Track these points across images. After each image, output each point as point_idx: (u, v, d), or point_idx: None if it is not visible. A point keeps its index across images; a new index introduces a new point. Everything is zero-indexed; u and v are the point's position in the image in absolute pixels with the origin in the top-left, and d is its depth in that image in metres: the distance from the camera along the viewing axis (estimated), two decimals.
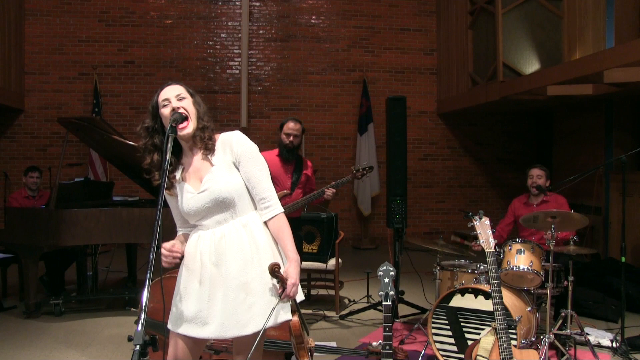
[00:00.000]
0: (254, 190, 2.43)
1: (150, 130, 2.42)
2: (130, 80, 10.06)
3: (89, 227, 5.35)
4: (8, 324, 5.44)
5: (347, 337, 5.02)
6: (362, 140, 9.94)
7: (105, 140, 5.54)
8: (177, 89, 2.41)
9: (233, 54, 10.28)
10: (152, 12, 10.16)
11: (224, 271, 2.33)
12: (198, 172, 2.42)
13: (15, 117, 9.93)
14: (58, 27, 10.03)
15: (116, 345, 4.81)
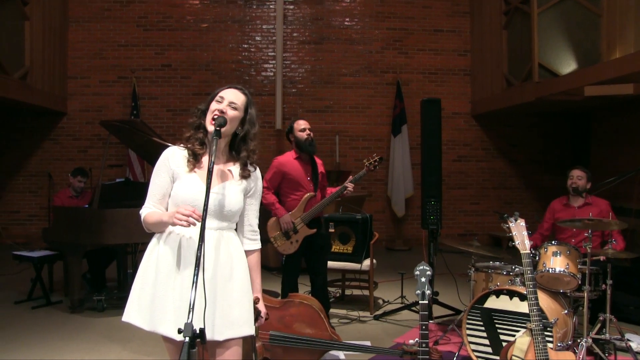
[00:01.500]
0: (249, 220, 2.62)
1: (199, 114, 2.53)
2: (167, 83, 10.27)
3: (129, 226, 5.50)
4: (55, 318, 5.66)
5: (381, 337, 5.06)
6: (396, 141, 9.96)
7: (145, 142, 5.70)
8: (238, 98, 2.48)
9: (267, 56, 10.41)
10: (188, 16, 10.36)
11: (209, 274, 2.34)
12: (215, 174, 2.44)
13: (58, 120, 10.27)
14: (99, 32, 10.32)
15: (156, 340, 4.92)
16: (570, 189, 5.24)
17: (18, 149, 10.29)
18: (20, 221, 10.29)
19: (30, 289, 6.28)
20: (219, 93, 2.48)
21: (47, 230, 6.15)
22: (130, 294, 2.46)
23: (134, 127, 5.66)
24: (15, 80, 8.50)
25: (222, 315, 2.35)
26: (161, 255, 2.41)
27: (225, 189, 2.45)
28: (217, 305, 2.34)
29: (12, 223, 10.24)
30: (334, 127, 10.19)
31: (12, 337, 5.06)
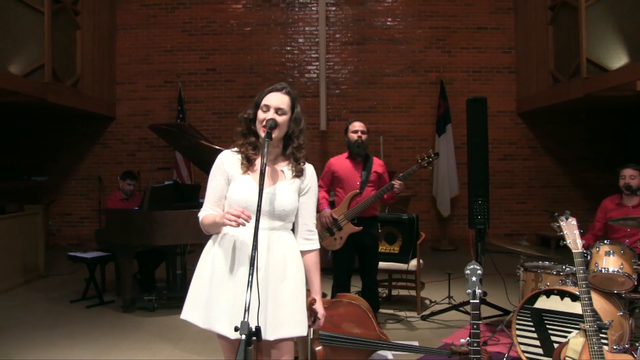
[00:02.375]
0: (305, 219, 2.61)
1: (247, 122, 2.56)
2: (212, 87, 10.45)
3: (179, 227, 5.62)
4: (108, 317, 5.84)
5: (429, 337, 5.04)
6: (441, 141, 9.89)
7: (193, 145, 5.81)
8: (282, 101, 2.49)
9: (311, 58, 10.48)
10: (231, 20, 10.51)
11: (262, 274, 2.38)
12: (267, 174, 2.49)
13: (107, 124, 10.57)
14: (145, 39, 10.57)
15: (206, 340, 5.03)
16: (623, 188, 5.09)
17: (70, 154, 10.64)
18: (72, 223, 10.63)
19: (85, 289, 6.49)
20: (263, 101, 2.49)
21: (100, 232, 6.35)
22: (188, 293, 2.53)
23: (182, 130, 5.78)
24: (67, 87, 8.80)
25: (274, 315, 2.38)
26: (216, 256, 2.48)
27: (277, 189, 2.49)
28: (269, 305, 2.37)
29: (65, 225, 10.58)
30: (377, 127, 10.18)
31: (69, 334, 5.25)
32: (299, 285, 2.50)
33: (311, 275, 2.61)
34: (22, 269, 7.33)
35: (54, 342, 5.05)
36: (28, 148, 10.66)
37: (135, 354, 4.72)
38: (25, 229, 7.47)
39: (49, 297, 6.71)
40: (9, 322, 5.67)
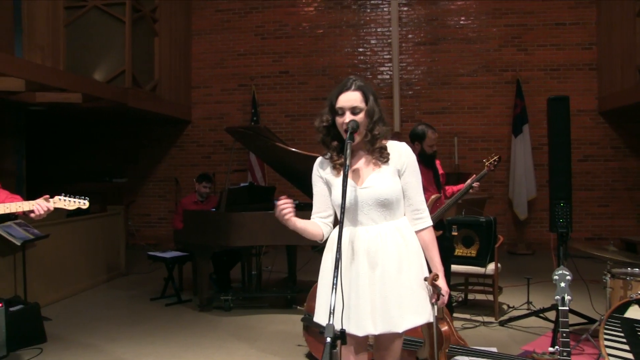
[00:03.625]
0: (410, 200, 2.57)
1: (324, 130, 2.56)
2: (285, 89, 10.55)
3: (255, 229, 5.69)
4: (185, 315, 5.99)
5: (507, 343, 4.89)
6: (517, 142, 9.59)
7: (268, 147, 5.87)
8: (355, 99, 2.47)
9: (383, 59, 10.40)
10: (304, 23, 10.58)
11: (378, 270, 2.44)
12: (360, 169, 2.53)
13: (183, 127, 10.87)
14: (219, 43, 10.80)
15: (282, 340, 5.08)
16: None
17: (148, 156, 11.01)
18: (151, 224, 10.98)
19: (163, 288, 6.68)
20: (337, 104, 2.48)
21: (178, 233, 6.51)
22: (317, 296, 2.60)
23: (258, 132, 5.85)
24: (146, 92, 9.11)
25: (398, 307, 2.41)
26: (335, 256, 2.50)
27: (374, 179, 2.49)
28: (390, 299, 2.41)
29: (143, 225, 10.95)
30: (452, 128, 9.99)
31: (150, 331, 5.42)
32: (418, 273, 2.50)
33: (429, 253, 2.58)
34: (105, 267, 7.63)
35: (135, 337, 5.22)
36: (109, 151, 11.13)
37: (213, 353, 4.80)
38: (108, 229, 7.78)
39: (130, 294, 6.95)
40: (93, 317, 5.91)
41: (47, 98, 7.51)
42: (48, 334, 5.15)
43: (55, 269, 6.53)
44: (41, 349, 4.88)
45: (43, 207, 3.19)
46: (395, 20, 10.21)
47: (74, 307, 6.37)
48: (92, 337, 5.23)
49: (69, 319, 5.86)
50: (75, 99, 7.57)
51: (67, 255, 6.77)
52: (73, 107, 8.04)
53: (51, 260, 6.44)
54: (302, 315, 4.52)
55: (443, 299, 2.52)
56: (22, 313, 4.97)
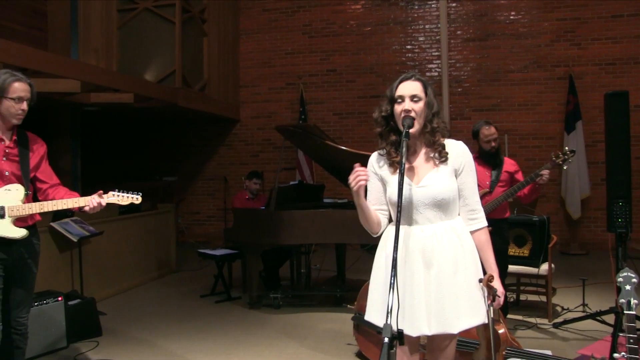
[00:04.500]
0: (466, 200, 2.54)
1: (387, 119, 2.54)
2: (333, 88, 10.54)
3: (305, 227, 5.70)
4: (235, 313, 6.05)
5: (562, 347, 4.75)
6: (570, 139, 9.32)
7: (318, 146, 5.87)
8: (415, 88, 2.45)
9: (432, 56, 10.28)
10: (351, 21, 10.55)
11: (434, 270, 2.41)
12: (417, 167, 2.51)
13: (232, 126, 10.99)
14: (267, 42, 10.87)
15: (331, 339, 5.07)
16: None
17: (198, 155, 11.18)
18: (200, 221, 11.15)
19: (213, 285, 6.76)
20: (396, 92, 2.47)
21: (228, 231, 6.58)
22: (368, 294, 2.59)
23: (307, 131, 5.85)
24: (195, 92, 9.24)
25: (454, 307, 2.38)
26: (389, 255, 2.46)
27: (432, 179, 2.46)
28: (446, 300, 2.38)
29: (193, 223, 11.13)
30: (502, 125, 9.76)
31: (201, 327, 5.49)
32: (473, 274, 2.47)
33: (484, 254, 2.55)
34: (156, 264, 7.78)
35: (186, 333, 5.30)
36: (160, 150, 11.35)
37: (262, 350, 4.83)
38: (159, 227, 7.92)
39: (181, 291, 7.06)
40: (146, 313, 6.03)
41: (100, 98, 7.70)
42: (103, 327, 5.29)
43: (109, 265, 6.69)
44: (97, 342, 5.02)
45: (95, 202, 3.27)
46: (444, 16, 10.07)
47: (127, 302, 6.51)
48: (145, 332, 5.34)
49: (123, 313, 5.99)
50: (128, 99, 7.73)
51: (120, 251, 6.92)
52: (125, 107, 8.22)
53: (105, 256, 6.60)
54: (352, 314, 4.50)
55: (499, 300, 2.47)
56: (80, 307, 5.12)
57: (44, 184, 3.44)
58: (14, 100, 3.19)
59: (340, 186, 7.32)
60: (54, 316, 4.76)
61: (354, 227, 5.50)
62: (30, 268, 3.39)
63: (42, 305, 4.64)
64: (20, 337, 3.43)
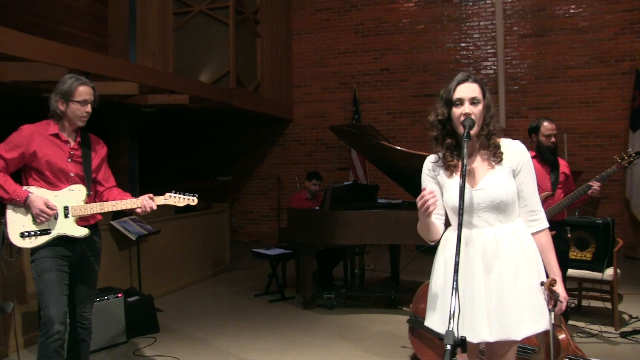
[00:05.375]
0: (525, 201, 2.46)
1: (443, 122, 2.46)
2: (386, 87, 10.46)
3: (359, 227, 5.67)
4: (289, 312, 6.06)
5: (631, 357, 4.55)
6: (636, 137, 8.94)
7: (373, 146, 5.83)
8: (474, 90, 2.39)
9: (487, 54, 10.07)
10: (404, 19, 10.44)
11: (494, 274, 2.34)
12: (474, 170, 2.45)
13: (285, 126, 11.06)
14: (319, 42, 10.89)
15: (385, 341, 5.02)
16: None
17: (251, 155, 11.30)
18: (253, 221, 11.26)
19: (267, 284, 6.80)
20: (454, 95, 2.40)
21: (283, 230, 6.61)
22: (427, 299, 2.55)
23: (362, 131, 5.82)
24: (249, 92, 9.34)
25: (516, 313, 2.32)
26: (448, 259, 2.45)
27: (489, 181, 2.40)
28: (509, 304, 2.32)
29: (246, 222, 11.25)
30: (561, 124, 9.46)
31: (255, 326, 5.54)
32: (536, 278, 2.39)
33: (546, 256, 2.46)
34: (211, 262, 7.89)
35: (241, 332, 5.35)
36: (214, 150, 11.52)
37: (317, 351, 4.83)
38: (213, 226, 8.03)
39: (235, 289, 7.14)
40: (201, 311, 6.11)
41: (157, 100, 7.86)
42: (160, 324, 5.40)
43: (166, 263, 6.82)
44: (155, 338, 5.12)
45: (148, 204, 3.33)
46: (500, 12, 9.84)
47: (183, 300, 6.62)
48: (200, 330, 5.41)
49: (179, 311, 6.09)
50: (183, 100, 7.87)
51: (176, 250, 7.05)
52: (181, 108, 8.37)
53: (162, 254, 6.73)
54: (408, 317, 4.44)
55: (561, 305, 2.39)
56: (138, 304, 5.24)
57: (101, 187, 3.53)
58: (80, 103, 3.28)
59: (394, 186, 7.25)
60: (114, 312, 4.90)
61: (409, 227, 5.42)
62: (92, 265, 3.48)
63: (103, 301, 4.77)
64: (85, 331, 3.53)
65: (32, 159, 3.26)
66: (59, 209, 3.27)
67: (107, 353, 4.74)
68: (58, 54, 5.65)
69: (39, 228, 3.25)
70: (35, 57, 5.37)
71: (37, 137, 3.27)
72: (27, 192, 3.22)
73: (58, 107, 3.29)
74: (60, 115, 3.31)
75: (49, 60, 5.49)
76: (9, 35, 5.10)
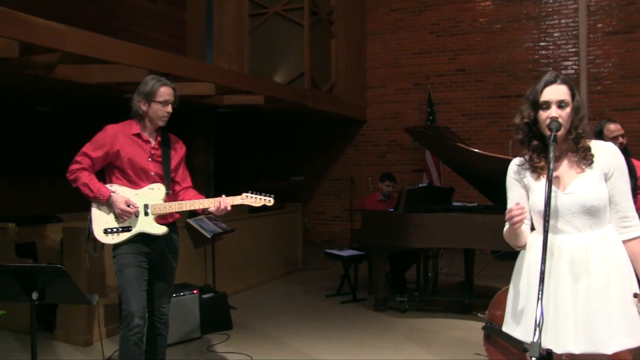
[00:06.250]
0: (617, 206, 2.33)
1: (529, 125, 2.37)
2: (461, 88, 10.25)
3: (434, 230, 5.56)
4: (360, 314, 6.05)
5: None
6: None
7: (449, 148, 5.72)
8: (562, 92, 2.30)
9: (568, 53, 9.69)
10: (480, 18, 10.21)
11: (583, 282, 2.23)
12: (562, 173, 2.35)
13: (359, 127, 11.04)
14: (393, 43, 10.80)
15: (458, 347, 4.91)
16: None
17: (325, 155, 11.35)
18: (325, 221, 11.30)
19: (339, 285, 6.80)
20: (541, 97, 2.30)
21: (356, 231, 6.60)
22: (507, 305, 2.48)
23: (439, 132, 5.72)
24: (324, 93, 9.37)
25: (606, 325, 2.20)
26: (531, 264, 2.37)
27: (579, 185, 2.30)
28: (598, 315, 2.21)
29: (319, 223, 11.30)
30: None
31: (326, 327, 5.55)
32: (628, 288, 2.25)
33: (638, 265, 2.32)
34: (284, 262, 7.97)
35: (312, 332, 5.36)
36: (288, 150, 11.65)
37: (388, 354, 4.78)
38: (286, 226, 8.12)
39: (307, 289, 7.18)
40: (273, 310, 6.19)
41: (233, 100, 8.01)
42: (233, 322, 5.48)
43: (239, 261, 6.94)
44: (228, 335, 5.21)
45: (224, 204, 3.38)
46: (583, 9, 9.45)
47: (256, 298, 6.71)
48: (273, 329, 5.46)
49: (251, 309, 6.18)
50: (258, 100, 7.98)
51: (250, 248, 7.16)
52: (256, 108, 8.50)
53: (236, 252, 6.85)
54: (482, 323, 4.32)
55: None
56: (213, 301, 5.35)
57: (178, 186, 3.62)
58: (161, 103, 3.38)
59: (468, 189, 7.11)
60: (190, 308, 5.02)
61: (486, 232, 5.31)
62: (170, 263, 3.58)
63: (179, 297, 4.89)
64: (162, 326, 3.63)
65: (115, 157, 3.38)
66: (140, 207, 3.38)
67: (182, 347, 4.86)
68: (139, 56, 5.85)
69: (121, 225, 3.36)
70: (118, 60, 5.58)
71: (121, 137, 3.39)
72: (110, 191, 3.34)
73: (140, 107, 3.40)
74: (142, 115, 3.42)
75: (131, 63, 5.69)
76: (95, 39, 5.33)
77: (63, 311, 4.99)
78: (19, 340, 4.95)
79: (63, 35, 4.83)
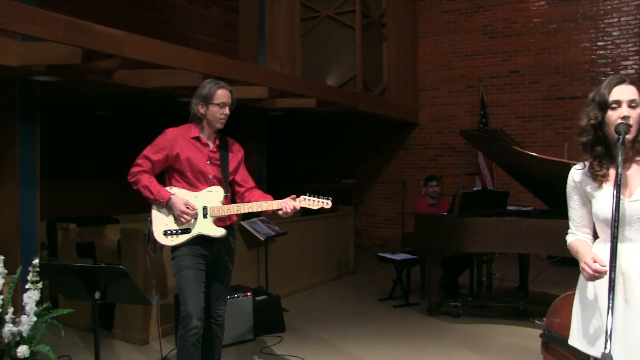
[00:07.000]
0: None
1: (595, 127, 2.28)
2: (515, 90, 10.06)
3: (488, 235, 5.47)
4: (412, 319, 6.00)
5: None
6: None
7: (504, 151, 5.61)
8: (632, 92, 2.22)
9: (627, 52, 9.38)
10: (535, 19, 9.99)
11: None
12: (629, 179, 2.26)
13: (410, 130, 10.98)
14: (446, 45, 10.69)
15: (514, 355, 4.81)
16: None
17: (376, 158, 11.33)
18: (377, 224, 11.26)
19: (391, 289, 6.77)
20: (610, 97, 2.22)
21: (409, 235, 6.55)
22: (572, 316, 2.42)
23: (494, 135, 5.62)
24: (375, 96, 9.35)
25: None
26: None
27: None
28: None
29: (370, 225, 11.28)
30: None
31: (378, 331, 5.52)
32: None
33: None
34: (335, 264, 7.98)
35: (365, 336, 5.34)
36: (340, 153, 11.68)
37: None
38: (338, 228, 8.12)
39: (358, 293, 7.16)
40: (325, 313, 6.20)
41: (285, 103, 8.07)
42: (286, 324, 5.52)
43: (292, 264, 6.98)
44: (281, 337, 5.25)
45: (290, 206, 3.40)
46: None
47: (308, 300, 6.74)
48: (325, 332, 5.47)
49: (304, 311, 6.21)
50: (310, 103, 8.01)
51: (302, 251, 7.20)
52: (308, 111, 8.54)
53: (288, 255, 6.89)
54: (539, 330, 4.22)
55: None
56: (266, 303, 5.40)
57: (241, 187, 3.67)
58: (218, 105, 3.44)
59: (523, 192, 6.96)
60: (244, 310, 5.08)
61: (542, 237, 5.19)
62: (227, 265, 3.63)
63: (233, 299, 4.95)
64: (218, 327, 3.69)
65: (175, 160, 3.46)
66: (198, 209, 3.44)
67: (236, 349, 4.91)
68: (194, 61, 5.96)
69: (180, 227, 3.43)
70: (174, 64, 5.69)
71: (180, 140, 3.46)
72: (170, 193, 3.42)
73: (198, 110, 3.47)
74: (200, 118, 3.49)
75: (186, 67, 5.81)
76: (151, 45, 5.45)
77: (121, 310, 5.13)
78: (81, 337, 5.12)
79: (122, 41, 4.97)
